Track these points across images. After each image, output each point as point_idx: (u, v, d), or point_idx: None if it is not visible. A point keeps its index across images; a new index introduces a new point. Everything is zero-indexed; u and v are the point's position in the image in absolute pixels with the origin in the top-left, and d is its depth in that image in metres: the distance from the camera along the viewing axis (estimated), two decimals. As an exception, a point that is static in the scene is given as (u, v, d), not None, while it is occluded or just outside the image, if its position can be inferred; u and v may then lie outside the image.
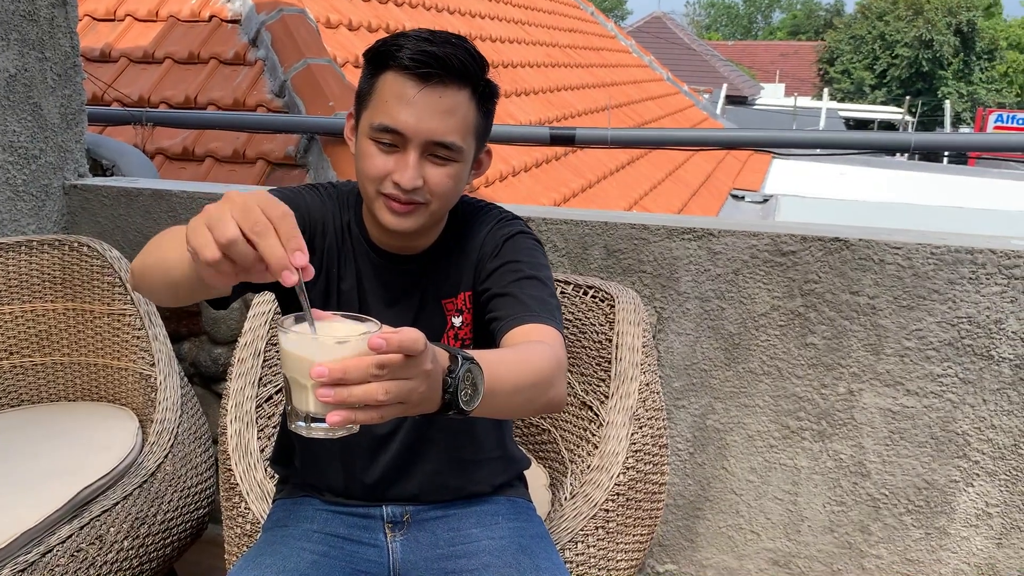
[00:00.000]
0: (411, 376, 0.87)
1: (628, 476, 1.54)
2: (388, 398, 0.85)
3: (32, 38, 2.45)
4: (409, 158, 1.20)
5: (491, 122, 1.30)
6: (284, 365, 0.90)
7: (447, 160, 1.23)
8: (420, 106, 1.18)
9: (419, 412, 0.92)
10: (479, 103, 1.25)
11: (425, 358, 0.88)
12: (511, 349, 1.15)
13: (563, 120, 6.08)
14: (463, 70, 1.20)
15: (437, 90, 1.19)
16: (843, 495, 2.10)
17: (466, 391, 0.95)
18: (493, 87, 1.27)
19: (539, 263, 1.32)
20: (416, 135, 1.19)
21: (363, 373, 0.84)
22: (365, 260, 1.34)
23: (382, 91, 1.21)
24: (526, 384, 1.08)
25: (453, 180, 1.24)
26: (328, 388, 0.84)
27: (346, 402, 0.84)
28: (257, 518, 1.57)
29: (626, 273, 2.15)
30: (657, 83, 11.20)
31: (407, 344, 0.85)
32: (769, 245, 2.04)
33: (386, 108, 1.20)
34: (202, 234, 0.87)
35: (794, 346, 2.06)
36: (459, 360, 0.94)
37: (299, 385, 0.88)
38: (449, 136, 1.21)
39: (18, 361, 2.17)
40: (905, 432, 2.03)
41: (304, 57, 3.74)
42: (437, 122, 1.19)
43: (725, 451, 2.16)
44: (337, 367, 0.83)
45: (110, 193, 2.56)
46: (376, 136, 1.21)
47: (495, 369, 1.01)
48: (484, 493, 1.42)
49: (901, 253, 1.96)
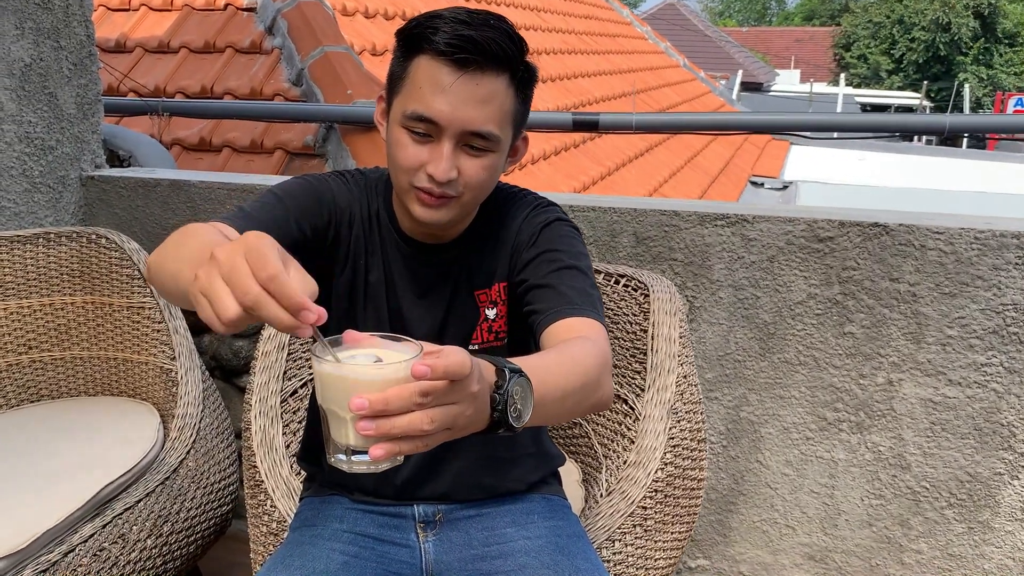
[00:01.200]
0: (457, 400, 0.82)
1: (666, 472, 1.48)
2: (434, 427, 0.79)
3: (47, 27, 2.41)
4: (443, 149, 1.14)
5: (529, 107, 1.24)
6: (320, 395, 0.84)
7: (483, 151, 1.17)
8: (456, 94, 1.12)
9: (467, 434, 0.87)
10: (517, 89, 1.18)
11: (471, 380, 0.82)
12: (556, 351, 1.08)
13: (581, 107, 6.00)
14: (502, 55, 1.13)
15: (474, 77, 1.12)
16: (882, 488, 2.04)
17: (515, 407, 0.89)
18: (532, 71, 1.21)
19: (578, 252, 1.27)
20: (451, 125, 1.13)
21: (406, 402, 0.78)
22: (394, 250, 1.28)
23: (415, 76, 1.14)
24: (575, 388, 1.02)
25: (489, 172, 1.19)
26: (369, 421, 0.78)
27: (389, 434, 0.78)
28: (283, 516, 1.53)
29: (656, 261, 2.08)
30: (674, 70, 11.10)
31: (453, 369, 0.79)
32: (806, 231, 1.97)
33: (420, 95, 1.14)
34: (205, 310, 0.79)
35: (831, 335, 2.00)
36: (506, 374, 0.89)
37: (337, 417, 0.83)
38: (486, 126, 1.15)
39: (37, 356, 2.14)
40: (947, 423, 1.96)
41: (321, 45, 3.69)
42: (474, 111, 1.13)
43: (759, 444, 2.10)
44: (378, 398, 0.77)
45: (128, 184, 2.52)
46: (409, 124, 1.15)
47: (543, 377, 0.95)
48: (518, 491, 1.37)
49: (943, 238, 1.89)
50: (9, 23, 2.29)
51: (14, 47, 2.31)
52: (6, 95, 2.30)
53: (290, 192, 1.24)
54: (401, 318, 1.29)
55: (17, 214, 2.37)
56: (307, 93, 3.62)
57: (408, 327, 1.29)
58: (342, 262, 1.29)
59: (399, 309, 1.29)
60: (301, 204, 1.23)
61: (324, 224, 1.25)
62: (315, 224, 1.24)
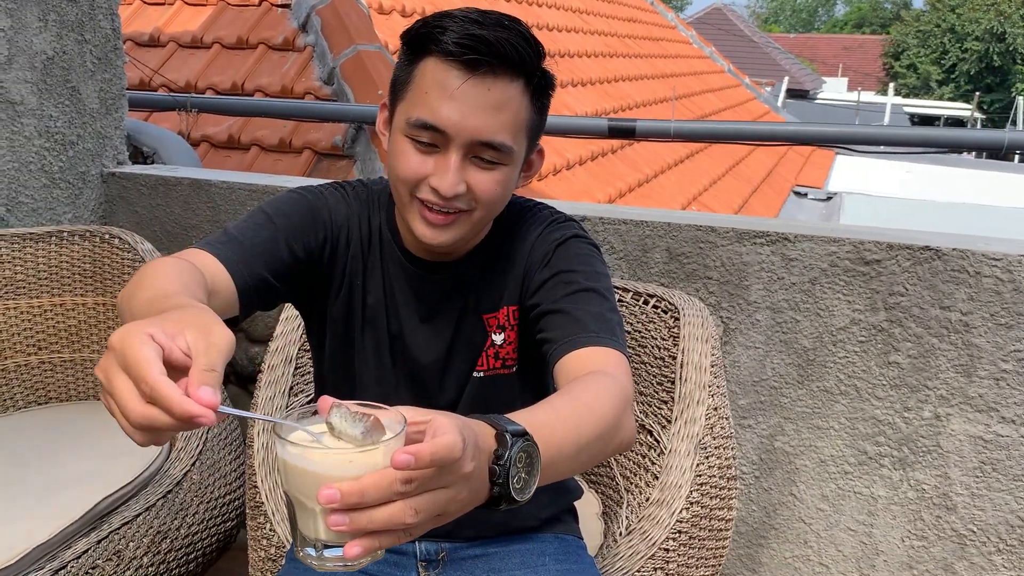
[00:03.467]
0: (447, 484, 0.70)
1: (692, 512, 1.37)
2: (419, 519, 0.67)
3: (71, 19, 2.36)
4: (450, 160, 1.04)
5: (545, 118, 1.13)
6: (284, 481, 0.72)
7: (494, 163, 1.06)
8: (465, 99, 1.02)
9: (462, 514, 0.74)
10: (533, 97, 1.08)
11: (464, 461, 0.70)
12: (568, 397, 0.95)
13: (621, 111, 5.89)
14: (516, 58, 1.03)
15: (486, 81, 1.02)
16: (925, 529, 1.91)
17: (519, 478, 0.77)
18: (549, 78, 1.11)
19: (597, 272, 1.15)
20: (459, 133, 1.03)
21: (385, 492, 0.66)
22: (397, 268, 1.18)
23: (421, 80, 1.04)
24: (590, 440, 0.89)
25: (501, 186, 1.08)
26: (342, 514, 0.66)
27: (366, 529, 0.66)
28: (282, 541, 1.45)
29: (689, 279, 1.97)
30: (718, 75, 10.92)
31: (441, 455, 0.67)
32: (851, 253, 1.84)
33: (425, 100, 1.03)
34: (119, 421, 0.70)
35: (875, 364, 1.87)
36: (507, 439, 0.76)
37: (304, 507, 0.71)
38: (498, 135, 1.04)
39: (47, 357, 2.08)
40: (998, 463, 1.83)
41: (354, 43, 3.63)
42: (484, 119, 1.03)
43: (794, 476, 1.98)
44: (352, 489, 0.65)
45: (148, 182, 2.47)
46: (413, 133, 1.05)
47: (552, 434, 0.83)
48: (529, 528, 1.27)
49: (1000, 265, 1.75)
50: (32, 15, 2.24)
51: (36, 39, 2.26)
52: (27, 88, 2.25)
53: (281, 210, 1.15)
54: (403, 344, 1.19)
55: (35, 210, 2.32)
56: (338, 92, 3.55)
57: (411, 354, 1.19)
58: (338, 283, 1.19)
59: (400, 334, 1.19)
60: (293, 223, 1.14)
61: (319, 243, 1.16)
62: (308, 243, 1.14)
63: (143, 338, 0.68)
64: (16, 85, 2.22)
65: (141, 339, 0.68)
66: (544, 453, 0.80)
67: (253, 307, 1.06)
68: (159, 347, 0.68)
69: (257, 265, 1.07)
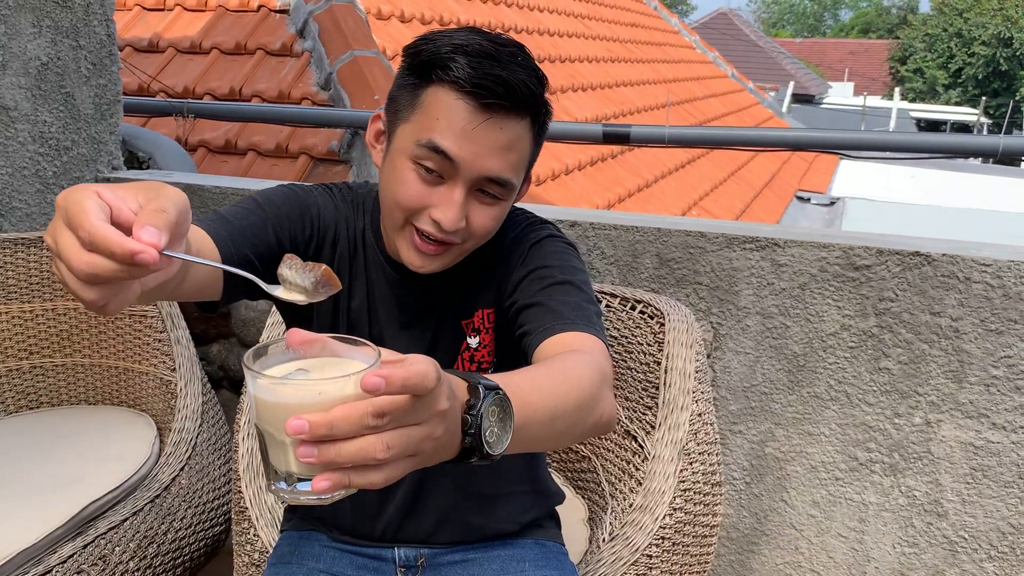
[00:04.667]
0: (422, 420, 0.67)
1: (675, 518, 1.37)
2: (391, 454, 0.64)
3: (66, 25, 2.36)
4: (455, 194, 1.03)
5: (540, 148, 1.13)
6: (254, 412, 0.69)
7: (496, 199, 1.07)
8: (479, 140, 1.01)
9: (436, 462, 0.72)
10: (536, 133, 1.08)
11: (439, 395, 0.68)
12: (544, 366, 0.94)
13: (621, 117, 5.88)
14: (529, 98, 1.02)
15: (499, 122, 1.01)
16: (916, 536, 1.90)
17: (491, 430, 0.74)
18: (550, 111, 1.11)
19: (572, 266, 1.15)
20: (469, 169, 1.02)
21: (355, 425, 0.63)
22: (379, 274, 1.18)
23: (432, 108, 1.02)
24: (567, 408, 0.87)
25: (496, 220, 1.09)
26: (310, 446, 0.64)
27: (334, 463, 0.64)
28: (266, 547, 1.45)
29: (680, 284, 1.97)
30: (721, 80, 10.91)
31: (413, 381, 0.64)
32: (840, 258, 1.84)
33: (435, 126, 1.02)
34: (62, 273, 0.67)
35: (865, 370, 1.86)
36: (480, 391, 0.74)
37: (274, 439, 0.68)
38: (505, 173, 1.05)
39: (38, 361, 2.08)
40: (989, 470, 1.81)
41: (351, 48, 3.63)
42: (495, 159, 1.03)
43: (785, 482, 1.97)
44: (320, 420, 0.63)
45: (142, 187, 2.47)
46: (420, 156, 1.03)
47: (527, 395, 0.81)
48: (509, 532, 1.26)
49: (991, 271, 1.74)
50: (26, 21, 2.25)
51: (30, 45, 2.27)
52: (21, 94, 2.26)
53: (271, 200, 1.15)
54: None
55: (29, 215, 2.32)
56: (335, 98, 3.56)
57: None
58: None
59: (381, 338, 1.19)
60: (281, 212, 1.14)
61: (305, 238, 1.16)
62: (295, 236, 1.14)
63: (87, 193, 0.66)
64: (10, 91, 2.23)
65: (85, 194, 0.66)
66: (518, 412, 0.78)
67: (238, 289, 1.03)
68: (106, 205, 0.66)
69: (244, 245, 1.05)
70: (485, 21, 5.30)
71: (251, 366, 0.69)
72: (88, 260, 0.64)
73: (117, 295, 0.68)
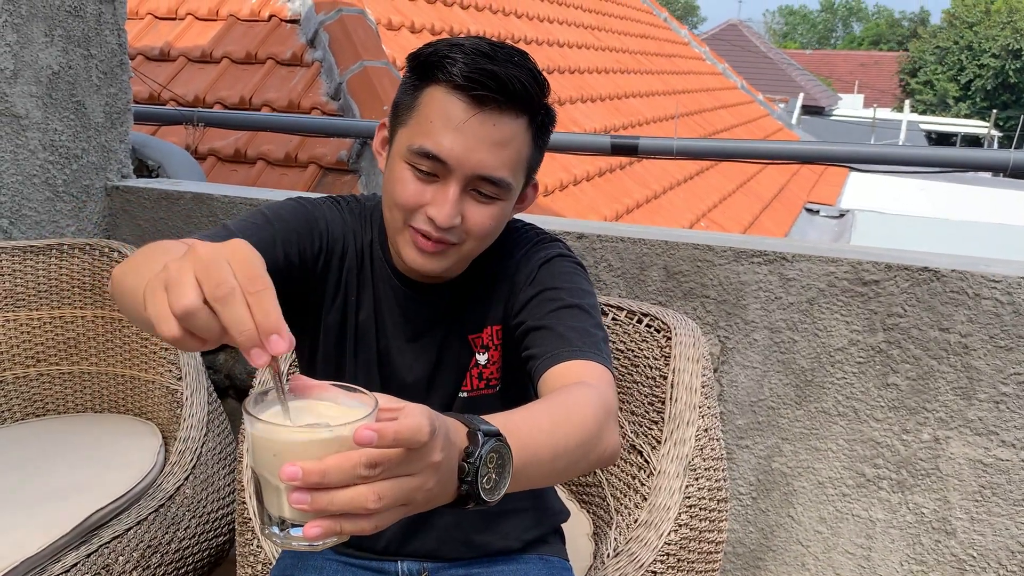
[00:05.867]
0: (414, 472, 0.68)
1: (680, 535, 1.36)
2: (382, 504, 0.65)
3: (77, 35, 2.38)
4: (449, 191, 1.04)
5: (543, 154, 1.13)
6: (251, 456, 0.71)
7: (492, 198, 1.07)
8: (470, 134, 1.02)
9: (429, 509, 0.73)
10: (535, 134, 1.08)
11: (432, 448, 0.68)
12: (546, 403, 0.94)
13: (629, 128, 5.88)
14: (524, 96, 1.03)
15: (492, 117, 1.02)
16: (924, 553, 1.88)
17: (489, 476, 0.75)
18: (552, 115, 1.11)
19: (581, 289, 1.14)
20: (461, 166, 1.03)
21: (348, 474, 0.64)
22: (386, 287, 1.18)
23: (427, 109, 1.04)
24: (569, 447, 0.88)
25: (494, 220, 1.08)
26: (303, 493, 0.65)
27: (327, 511, 0.65)
28: (269, 559, 1.44)
29: (687, 298, 1.96)
30: (731, 91, 10.91)
31: (405, 435, 0.66)
32: (849, 273, 1.83)
33: (430, 130, 1.03)
34: (159, 301, 0.68)
35: (874, 386, 1.85)
36: (479, 438, 0.75)
37: (269, 484, 0.69)
38: (499, 171, 1.04)
39: (45, 369, 2.09)
40: (998, 488, 1.80)
41: (361, 59, 3.64)
42: (487, 154, 1.03)
43: (792, 498, 1.96)
44: (314, 468, 0.64)
45: (151, 195, 2.48)
46: (414, 161, 1.05)
47: (527, 438, 0.82)
48: (513, 550, 1.26)
49: (1000, 287, 1.73)
50: (38, 30, 2.26)
51: (42, 54, 2.28)
52: (32, 102, 2.27)
53: (279, 215, 1.15)
54: (390, 362, 1.19)
55: (38, 223, 2.33)
56: (344, 107, 3.57)
57: (397, 372, 1.18)
58: (332, 296, 1.19)
59: (388, 352, 1.19)
60: (290, 227, 1.14)
61: (314, 252, 1.16)
62: (303, 251, 1.14)
63: (257, 254, 0.70)
64: (21, 99, 2.24)
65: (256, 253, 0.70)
66: (518, 456, 0.79)
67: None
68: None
69: None
70: (495, 32, 5.32)
71: (250, 410, 0.70)
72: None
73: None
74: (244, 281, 0.67)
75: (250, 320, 0.66)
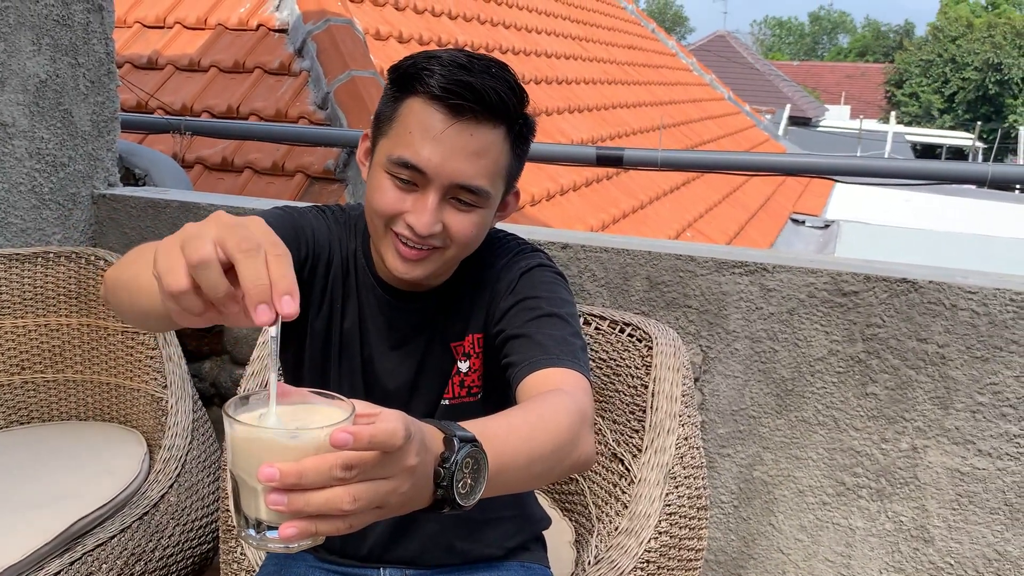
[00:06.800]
0: (389, 475, 0.69)
1: (660, 542, 1.38)
2: (357, 506, 0.67)
3: (65, 43, 2.39)
4: (428, 200, 1.06)
5: (524, 163, 1.15)
6: (229, 459, 0.73)
7: (471, 206, 1.08)
8: (447, 143, 1.04)
9: (404, 512, 0.75)
10: (513, 144, 1.10)
11: (407, 452, 0.70)
12: (522, 409, 0.96)
13: (616, 139, 5.92)
14: (500, 106, 1.05)
15: (469, 127, 1.04)
16: (902, 561, 1.90)
17: (464, 481, 0.77)
18: (530, 125, 1.13)
19: (560, 298, 1.16)
20: (439, 176, 1.05)
21: (323, 476, 0.66)
22: (370, 296, 1.20)
23: (405, 119, 1.06)
24: (544, 452, 0.89)
25: (476, 227, 1.10)
26: (280, 494, 0.67)
27: (303, 512, 0.66)
28: (252, 566, 1.45)
29: (670, 308, 1.98)
30: (717, 102, 10.98)
31: (380, 439, 0.67)
32: (829, 284, 1.86)
33: (408, 140, 1.05)
34: (172, 256, 0.71)
35: (853, 395, 1.88)
36: (455, 444, 0.76)
37: (247, 486, 0.71)
38: (476, 180, 1.06)
39: (30, 376, 2.09)
40: (975, 496, 1.82)
41: (349, 69, 3.66)
42: (465, 163, 1.05)
43: (772, 506, 1.98)
44: (291, 469, 0.66)
45: (138, 204, 2.49)
46: (393, 170, 1.07)
47: (502, 444, 0.83)
48: (495, 557, 1.27)
49: (976, 299, 1.76)
50: (26, 39, 2.27)
51: (29, 63, 2.29)
52: (19, 111, 2.28)
53: (266, 220, 1.17)
54: (373, 369, 1.20)
55: (24, 230, 2.33)
56: (332, 117, 3.58)
57: (380, 379, 1.20)
58: (317, 303, 1.21)
59: (371, 359, 1.20)
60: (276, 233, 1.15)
61: (299, 259, 1.17)
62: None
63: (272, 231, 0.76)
64: (8, 107, 2.24)
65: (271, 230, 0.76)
66: (493, 462, 0.80)
67: None
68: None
69: None
70: (483, 42, 5.35)
71: (231, 413, 0.72)
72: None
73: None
74: (267, 244, 0.71)
75: (267, 276, 0.69)
